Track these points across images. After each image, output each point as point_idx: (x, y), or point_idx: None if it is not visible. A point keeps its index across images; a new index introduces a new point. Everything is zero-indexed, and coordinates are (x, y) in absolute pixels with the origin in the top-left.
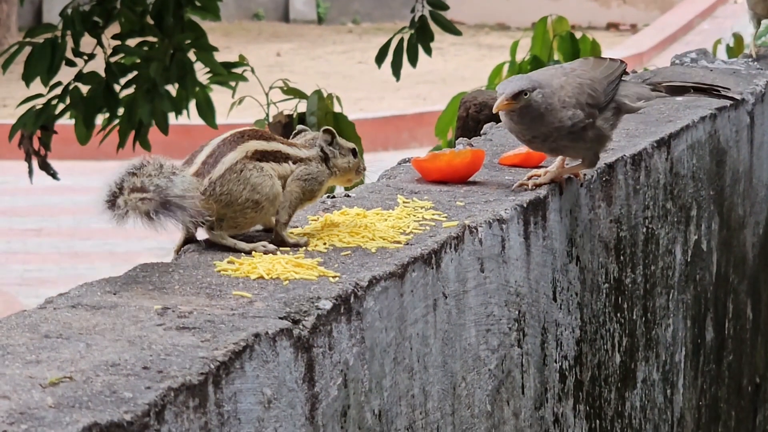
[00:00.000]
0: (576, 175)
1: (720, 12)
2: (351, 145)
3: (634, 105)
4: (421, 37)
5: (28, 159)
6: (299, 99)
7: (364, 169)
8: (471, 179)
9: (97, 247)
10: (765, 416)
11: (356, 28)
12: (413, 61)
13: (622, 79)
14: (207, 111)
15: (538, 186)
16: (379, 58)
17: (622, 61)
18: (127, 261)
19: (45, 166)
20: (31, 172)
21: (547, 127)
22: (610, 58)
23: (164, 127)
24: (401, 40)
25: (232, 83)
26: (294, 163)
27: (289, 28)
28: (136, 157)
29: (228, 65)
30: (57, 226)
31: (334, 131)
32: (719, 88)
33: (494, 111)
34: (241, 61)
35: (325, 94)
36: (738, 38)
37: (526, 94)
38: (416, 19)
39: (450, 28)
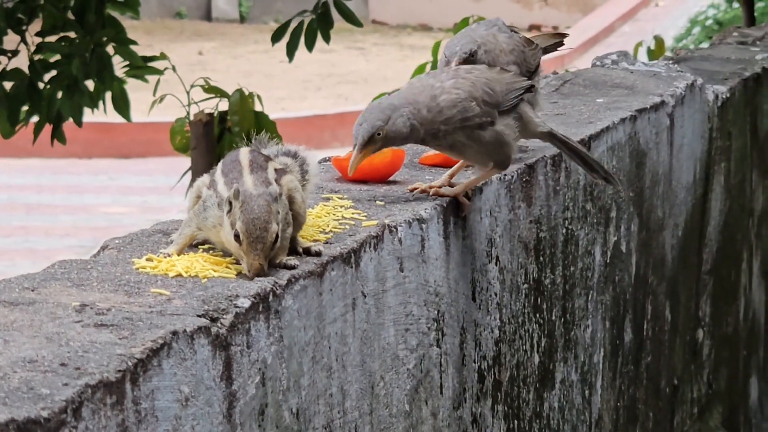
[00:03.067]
0: (464, 203)
1: (642, 15)
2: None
3: (537, 128)
4: (321, 22)
5: None
6: (220, 98)
7: None
8: (391, 178)
9: (17, 244)
10: (682, 418)
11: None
12: (310, 45)
13: (529, 98)
14: (122, 104)
15: (439, 195)
16: (275, 37)
17: (529, 80)
18: (47, 258)
19: None
20: None
21: (435, 124)
22: (515, 74)
23: (79, 121)
24: (301, 23)
25: (151, 79)
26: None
27: (211, 27)
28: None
29: (147, 59)
30: None
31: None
32: (603, 174)
33: (350, 174)
34: (162, 58)
35: (246, 93)
36: (659, 41)
37: (379, 134)
38: (319, 5)
39: (352, 19)
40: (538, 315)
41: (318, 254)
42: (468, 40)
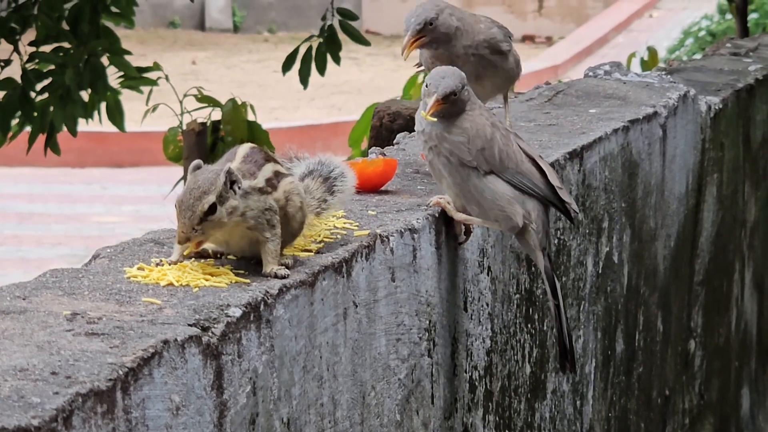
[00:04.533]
0: (467, 232)
1: (635, 26)
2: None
3: None
4: (330, 46)
5: None
6: (213, 107)
7: None
8: (383, 188)
9: (9, 253)
10: (674, 429)
11: (272, 37)
12: (321, 69)
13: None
14: (116, 114)
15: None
16: (286, 66)
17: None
18: (39, 267)
19: None
20: None
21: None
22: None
23: (73, 131)
24: (310, 48)
25: (144, 88)
26: None
27: (205, 37)
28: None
29: (141, 69)
30: None
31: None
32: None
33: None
34: (155, 68)
35: (239, 103)
36: (652, 52)
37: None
38: (326, 28)
39: (359, 38)
40: (529, 325)
41: (282, 278)
42: (429, 7)
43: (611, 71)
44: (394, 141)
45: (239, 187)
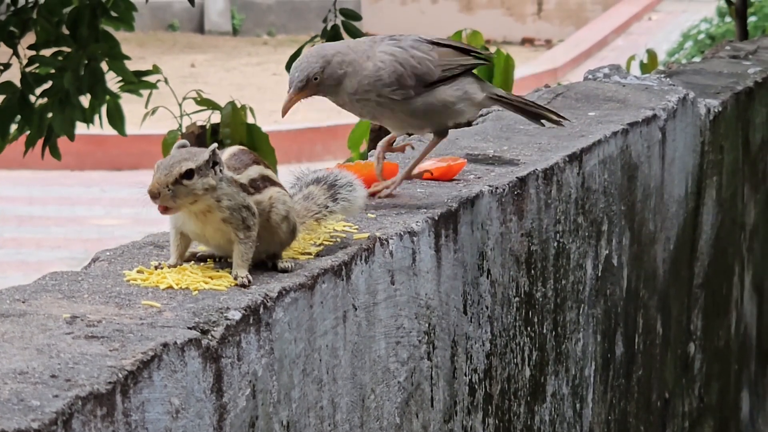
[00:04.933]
0: (422, 175)
1: (635, 29)
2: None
3: (477, 97)
4: None
5: None
6: (213, 110)
7: None
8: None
9: (8, 256)
10: (673, 431)
11: (271, 40)
12: None
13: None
14: (117, 119)
15: (390, 196)
16: (289, 66)
17: (479, 54)
18: (38, 270)
19: None
20: None
21: (355, 89)
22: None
23: (71, 135)
24: None
25: (144, 91)
26: None
27: (204, 40)
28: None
29: (140, 74)
30: None
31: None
32: (554, 116)
33: (283, 114)
34: (155, 71)
35: (239, 106)
36: (651, 54)
37: (316, 78)
38: (328, 28)
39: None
40: (529, 328)
41: (284, 270)
42: (312, 61)
43: (611, 74)
44: (394, 144)
45: (221, 170)
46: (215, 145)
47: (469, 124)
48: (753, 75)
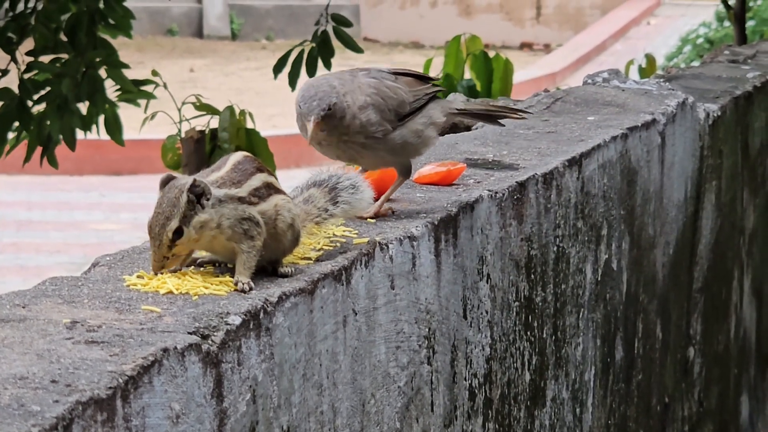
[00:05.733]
0: (391, 209)
1: (633, 33)
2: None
3: (440, 119)
4: (322, 51)
5: None
6: (212, 115)
7: None
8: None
9: (7, 261)
10: None
11: (270, 44)
12: (311, 72)
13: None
14: (114, 128)
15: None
16: (277, 68)
17: (427, 78)
18: (38, 275)
19: None
20: None
21: (346, 129)
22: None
23: (72, 144)
24: (301, 52)
25: (141, 101)
26: None
27: (203, 44)
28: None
29: (138, 83)
30: None
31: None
32: (509, 114)
33: (310, 142)
34: (154, 76)
35: (237, 111)
36: (650, 59)
37: (330, 109)
38: (319, 33)
39: (352, 45)
40: (529, 333)
41: (285, 275)
42: (327, 90)
43: (610, 78)
44: None
45: (207, 199)
46: (193, 180)
47: (468, 129)
48: (752, 79)
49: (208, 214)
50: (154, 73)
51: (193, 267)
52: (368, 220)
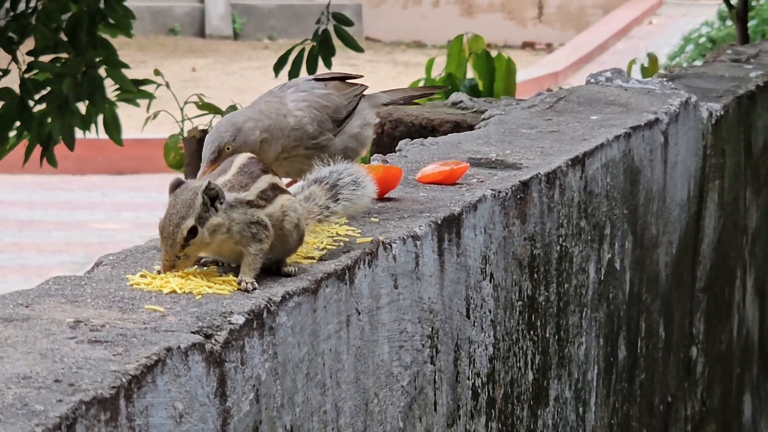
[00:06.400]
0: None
1: (635, 32)
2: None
3: (372, 119)
4: (323, 50)
5: None
6: (214, 114)
7: None
8: (386, 196)
9: (9, 260)
10: None
11: (272, 44)
12: (311, 71)
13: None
14: (113, 128)
15: None
16: (278, 67)
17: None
18: (40, 275)
19: None
20: None
21: (279, 147)
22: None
23: (71, 143)
24: (302, 51)
25: (142, 101)
26: None
27: (205, 44)
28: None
29: (138, 82)
30: None
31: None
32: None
33: (199, 178)
34: (156, 75)
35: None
36: (652, 58)
37: (228, 148)
38: (320, 32)
39: (353, 44)
40: (532, 332)
41: (288, 275)
42: (224, 127)
43: (612, 78)
44: (396, 148)
45: (221, 202)
46: (208, 182)
47: (471, 128)
48: (755, 79)
49: (220, 218)
50: (157, 72)
51: (196, 266)
52: (371, 219)
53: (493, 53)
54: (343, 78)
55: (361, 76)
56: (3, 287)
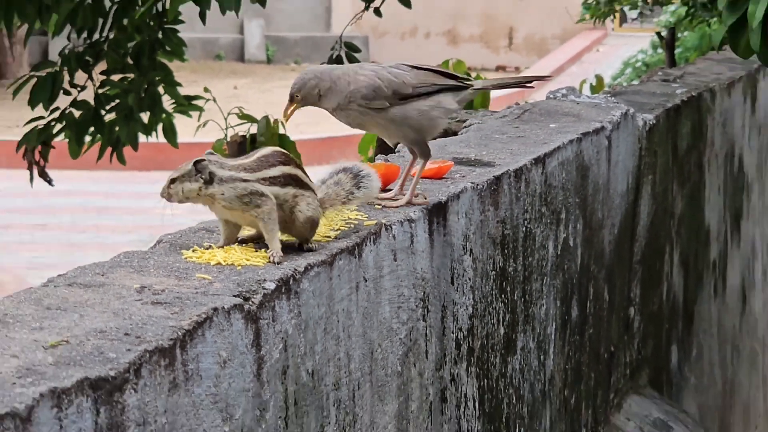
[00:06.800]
0: (422, 203)
1: (586, 58)
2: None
3: (453, 106)
4: None
5: (30, 169)
6: (251, 123)
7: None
8: (388, 188)
9: (90, 239)
10: (617, 378)
11: (297, 67)
12: None
13: (447, 88)
14: (170, 134)
15: (390, 208)
16: None
17: (461, 79)
18: (114, 250)
19: (43, 175)
20: (31, 179)
21: (341, 102)
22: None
23: (135, 145)
24: None
25: (193, 112)
26: None
27: (244, 67)
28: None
29: (189, 98)
30: (58, 222)
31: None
32: (530, 79)
33: (283, 118)
34: (205, 92)
35: (272, 120)
36: (599, 79)
37: (297, 96)
38: (334, 57)
39: None
40: (503, 296)
41: (309, 250)
42: (307, 75)
43: (567, 94)
44: (396, 150)
45: (203, 178)
46: (197, 159)
47: (455, 133)
48: (680, 95)
49: (195, 185)
50: (206, 89)
51: (237, 244)
52: (375, 206)
53: (473, 74)
54: (443, 73)
55: (468, 79)
56: (85, 260)
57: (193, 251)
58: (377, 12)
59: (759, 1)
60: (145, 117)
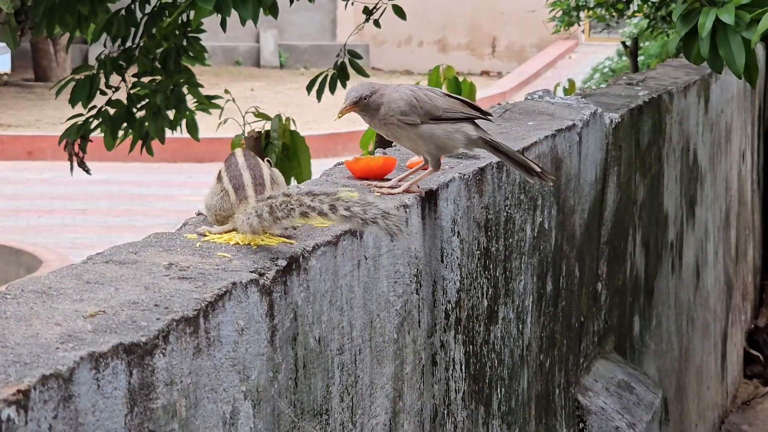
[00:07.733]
0: (417, 191)
1: (560, 64)
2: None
3: (470, 137)
4: (341, 76)
5: (70, 160)
6: (266, 121)
7: None
8: (386, 177)
9: (124, 222)
10: (587, 344)
11: (307, 72)
12: (333, 90)
13: (474, 122)
14: (193, 129)
15: (391, 194)
16: (309, 87)
17: (484, 112)
18: (146, 232)
19: (82, 165)
20: (72, 169)
21: (383, 114)
22: (468, 104)
23: (162, 139)
24: (326, 76)
25: (213, 111)
26: None
27: (260, 71)
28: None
29: (210, 97)
30: (96, 207)
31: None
32: (535, 172)
33: (339, 117)
34: (225, 93)
35: (284, 118)
36: (571, 82)
37: (365, 99)
38: (339, 63)
39: (362, 72)
40: (486, 272)
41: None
42: (366, 86)
43: (543, 96)
44: (393, 143)
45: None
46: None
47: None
48: (642, 96)
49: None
50: (226, 91)
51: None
52: (392, 194)
53: (461, 78)
54: (469, 104)
55: (491, 114)
56: (120, 240)
57: (208, 234)
58: (376, 23)
59: (708, 14)
60: (171, 114)
